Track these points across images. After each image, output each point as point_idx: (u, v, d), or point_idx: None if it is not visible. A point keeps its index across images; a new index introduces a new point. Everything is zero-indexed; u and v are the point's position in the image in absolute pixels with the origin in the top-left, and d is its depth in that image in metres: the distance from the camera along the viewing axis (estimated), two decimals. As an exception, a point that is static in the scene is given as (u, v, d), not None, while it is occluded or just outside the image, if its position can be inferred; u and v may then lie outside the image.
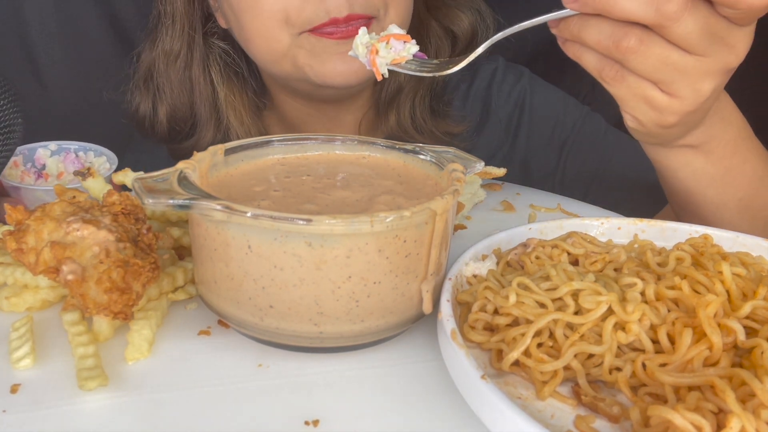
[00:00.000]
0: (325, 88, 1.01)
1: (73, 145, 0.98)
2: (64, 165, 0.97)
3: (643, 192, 1.08)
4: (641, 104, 0.67)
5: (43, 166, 0.96)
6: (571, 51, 0.67)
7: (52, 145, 0.97)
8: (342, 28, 0.93)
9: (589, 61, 0.67)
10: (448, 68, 0.73)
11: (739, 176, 0.83)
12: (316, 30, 0.93)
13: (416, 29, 1.12)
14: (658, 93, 0.66)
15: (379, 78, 0.80)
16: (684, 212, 0.91)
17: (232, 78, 1.13)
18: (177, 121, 1.15)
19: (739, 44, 0.63)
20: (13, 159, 0.93)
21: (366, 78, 1.00)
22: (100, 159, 0.98)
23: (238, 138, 1.10)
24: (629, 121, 0.72)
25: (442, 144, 1.14)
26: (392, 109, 1.14)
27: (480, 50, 0.71)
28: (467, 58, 0.72)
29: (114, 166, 0.96)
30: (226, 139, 1.13)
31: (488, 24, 1.15)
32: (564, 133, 1.19)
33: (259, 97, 1.17)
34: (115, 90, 1.17)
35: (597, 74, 0.67)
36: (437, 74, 0.75)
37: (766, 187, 0.85)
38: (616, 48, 0.62)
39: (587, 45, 0.65)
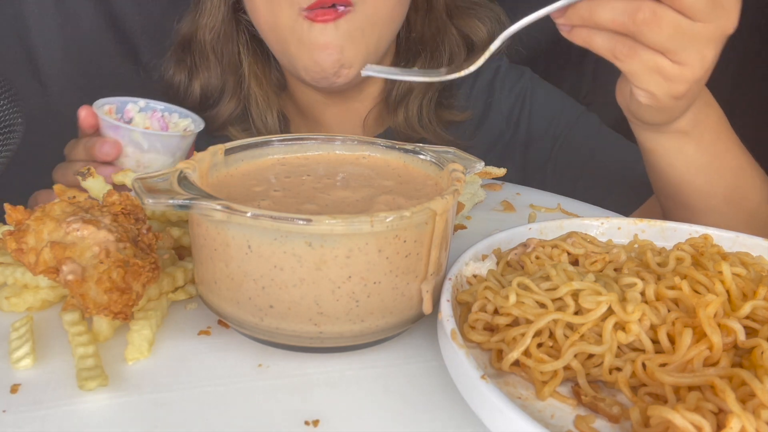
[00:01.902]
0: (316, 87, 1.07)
1: (160, 105, 1.00)
2: (150, 122, 0.99)
3: (627, 186, 1.13)
4: (654, 76, 0.71)
5: (131, 120, 0.98)
6: (580, 37, 0.70)
7: (141, 101, 1.00)
8: (327, 8, 0.98)
9: (599, 43, 0.70)
10: (457, 72, 0.77)
11: (724, 164, 0.86)
12: (309, 11, 0.99)
13: (434, 35, 1.19)
14: (668, 63, 0.69)
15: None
16: (673, 203, 0.93)
17: (257, 51, 1.20)
18: (211, 90, 1.22)
19: (733, 9, 0.67)
20: (107, 107, 0.96)
21: (351, 78, 1.05)
22: (185, 120, 1.00)
23: (259, 112, 1.19)
24: (642, 97, 0.74)
25: (445, 134, 1.20)
26: (401, 108, 1.19)
27: (486, 55, 0.76)
28: (477, 62, 0.76)
29: (199, 129, 0.98)
30: (246, 112, 1.22)
31: None
32: (559, 127, 1.25)
33: (280, 76, 1.24)
34: (115, 91, 1.17)
35: (609, 54, 0.70)
36: (442, 79, 0.78)
37: (746, 178, 0.89)
38: (632, 22, 0.66)
39: (601, 26, 0.68)
